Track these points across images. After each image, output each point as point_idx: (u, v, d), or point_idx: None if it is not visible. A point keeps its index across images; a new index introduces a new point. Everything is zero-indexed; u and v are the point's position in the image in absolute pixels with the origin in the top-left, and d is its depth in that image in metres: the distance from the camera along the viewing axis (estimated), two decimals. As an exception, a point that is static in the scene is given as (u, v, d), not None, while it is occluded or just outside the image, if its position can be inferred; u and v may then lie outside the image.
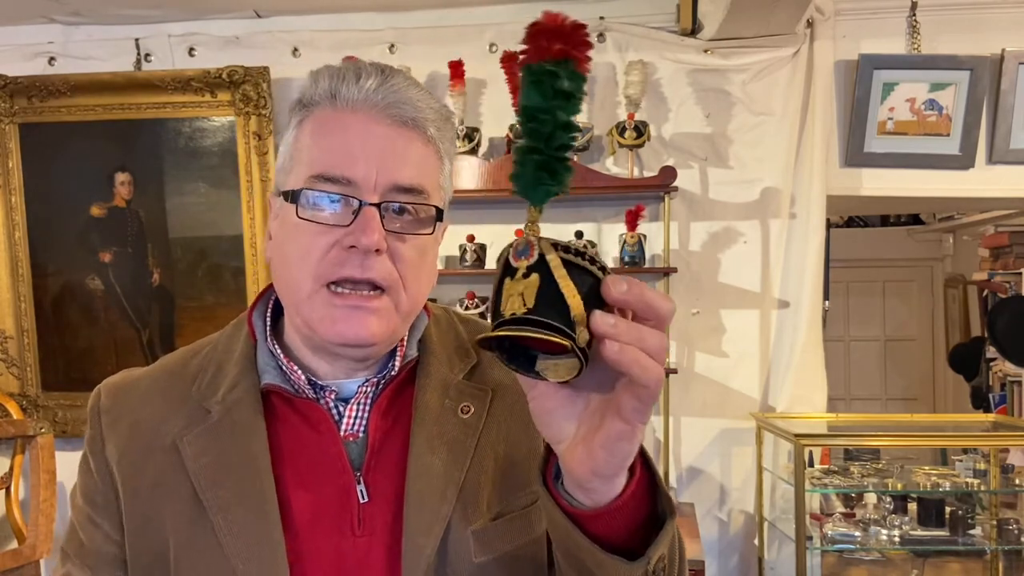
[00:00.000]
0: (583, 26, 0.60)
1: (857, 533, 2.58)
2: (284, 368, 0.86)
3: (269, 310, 0.92)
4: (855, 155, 2.78)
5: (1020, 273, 4.40)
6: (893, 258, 5.93)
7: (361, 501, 0.84)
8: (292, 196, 0.82)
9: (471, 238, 2.74)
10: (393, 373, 0.88)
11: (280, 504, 0.83)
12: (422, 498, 0.84)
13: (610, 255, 2.84)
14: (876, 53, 2.74)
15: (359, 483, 0.85)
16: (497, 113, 2.85)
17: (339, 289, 0.81)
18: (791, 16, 2.58)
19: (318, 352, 0.86)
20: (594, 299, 0.60)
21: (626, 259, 2.73)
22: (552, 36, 0.59)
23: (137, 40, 2.97)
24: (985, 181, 2.80)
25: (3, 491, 2.83)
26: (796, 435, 2.40)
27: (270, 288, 0.93)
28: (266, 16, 2.95)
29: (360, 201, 0.80)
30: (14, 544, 2.80)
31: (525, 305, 0.60)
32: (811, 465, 2.70)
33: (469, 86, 2.79)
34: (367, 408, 0.88)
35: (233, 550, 0.81)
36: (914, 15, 2.76)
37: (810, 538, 2.47)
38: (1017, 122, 2.75)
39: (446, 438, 0.87)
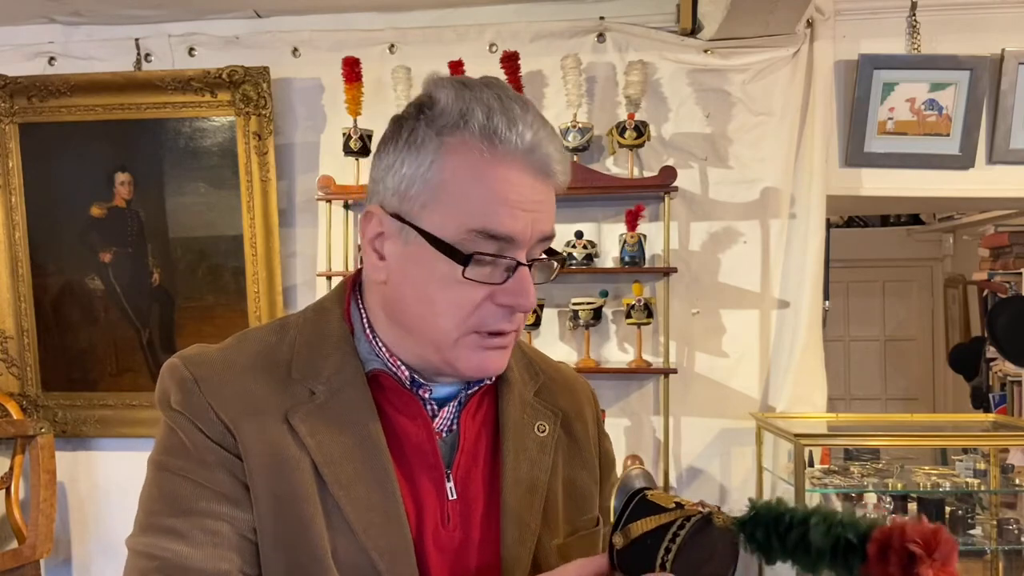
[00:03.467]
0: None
1: (857, 533, 2.58)
2: (388, 363, 0.88)
3: (361, 303, 0.92)
4: (855, 155, 2.78)
5: (1020, 273, 4.40)
6: (893, 258, 5.93)
7: (450, 498, 0.88)
8: (452, 252, 0.80)
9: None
10: (488, 382, 0.92)
11: None
12: (517, 510, 0.89)
13: (610, 255, 2.84)
14: (876, 53, 2.74)
15: (448, 480, 0.88)
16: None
17: (488, 334, 0.84)
18: (791, 16, 2.58)
19: (420, 361, 0.88)
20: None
21: (626, 259, 2.73)
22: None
23: (137, 40, 2.97)
24: (985, 181, 2.79)
25: (3, 491, 2.83)
26: (796, 435, 2.40)
27: (356, 277, 0.94)
28: (266, 16, 2.95)
29: (517, 261, 0.81)
30: (14, 544, 2.80)
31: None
32: (811, 465, 2.70)
33: (469, 86, 2.78)
34: (455, 410, 0.91)
35: (360, 525, 0.82)
36: (914, 15, 2.76)
37: (810, 538, 2.47)
38: (1017, 122, 2.75)
39: (528, 453, 0.93)
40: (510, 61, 2.68)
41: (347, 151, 2.79)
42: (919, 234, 5.89)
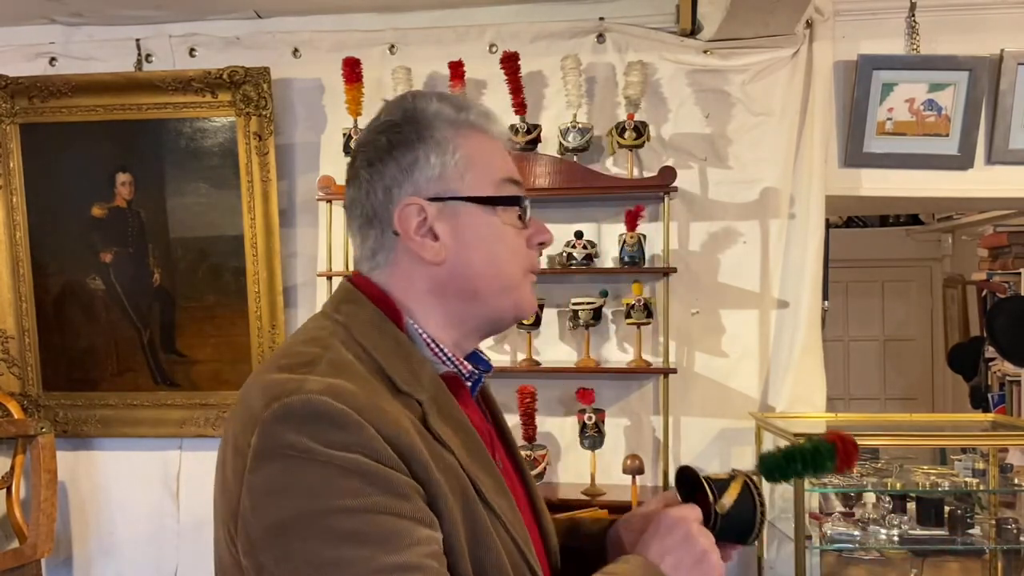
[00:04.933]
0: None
1: (856, 533, 2.59)
2: (453, 361, 0.96)
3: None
4: (854, 155, 2.79)
5: (1019, 273, 4.40)
6: (892, 258, 5.94)
7: None
8: (504, 200, 0.97)
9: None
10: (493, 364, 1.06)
11: None
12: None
13: (610, 255, 2.85)
14: (875, 53, 2.74)
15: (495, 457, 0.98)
16: (497, 113, 2.84)
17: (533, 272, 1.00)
18: (790, 17, 2.59)
19: (470, 337, 0.99)
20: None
21: (626, 259, 2.74)
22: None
23: (138, 41, 2.98)
24: (984, 181, 2.80)
25: (4, 491, 2.84)
26: (796, 435, 2.40)
27: (391, 289, 0.96)
28: (266, 17, 2.95)
29: (529, 201, 0.99)
30: (15, 543, 2.81)
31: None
32: (810, 465, 2.70)
33: (469, 86, 2.79)
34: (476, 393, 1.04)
35: (507, 517, 0.90)
36: (913, 15, 2.76)
37: (809, 537, 2.48)
38: (1016, 122, 2.75)
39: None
40: (510, 61, 2.68)
41: (347, 151, 2.80)
42: (918, 234, 5.90)
